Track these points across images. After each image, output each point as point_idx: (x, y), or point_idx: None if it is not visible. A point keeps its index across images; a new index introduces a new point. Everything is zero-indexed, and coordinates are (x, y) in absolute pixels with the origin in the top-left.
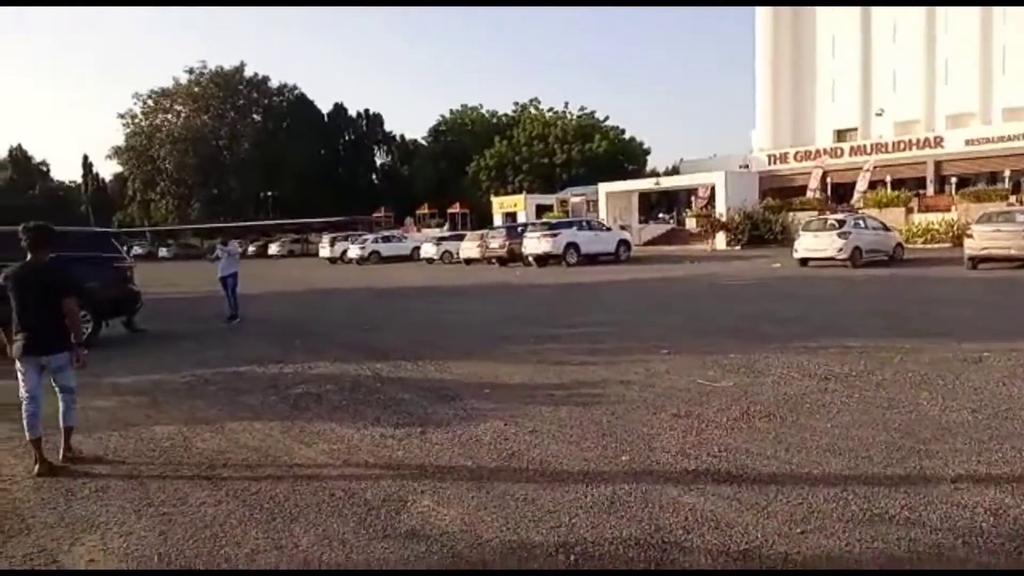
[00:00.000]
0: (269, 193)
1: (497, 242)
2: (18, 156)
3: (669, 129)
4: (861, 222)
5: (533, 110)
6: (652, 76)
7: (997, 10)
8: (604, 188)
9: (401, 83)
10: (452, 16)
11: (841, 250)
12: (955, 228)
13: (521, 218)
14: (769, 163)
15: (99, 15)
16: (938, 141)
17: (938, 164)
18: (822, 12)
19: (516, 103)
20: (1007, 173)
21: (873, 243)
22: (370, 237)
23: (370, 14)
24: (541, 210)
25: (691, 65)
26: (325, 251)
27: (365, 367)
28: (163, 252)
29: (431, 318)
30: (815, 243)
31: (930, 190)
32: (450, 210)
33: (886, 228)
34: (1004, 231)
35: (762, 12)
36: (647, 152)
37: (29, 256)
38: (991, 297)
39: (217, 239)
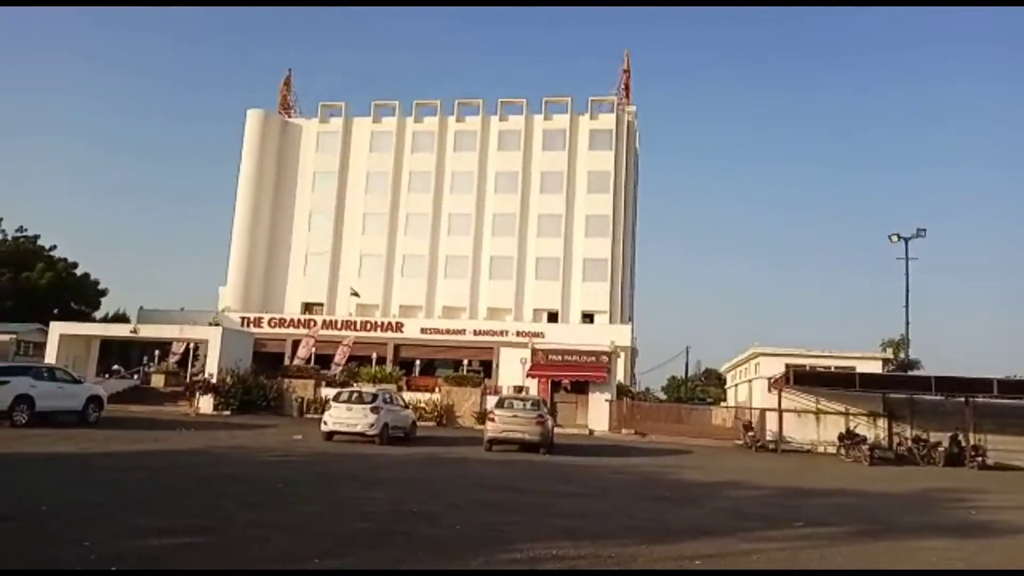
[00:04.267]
0: None
1: None
2: None
3: (121, 270)
4: (388, 397)
5: None
6: (110, 207)
7: (444, 223)
8: (59, 328)
9: None
10: None
11: (372, 425)
12: (440, 407)
13: None
14: (242, 324)
15: None
16: (399, 326)
17: (397, 347)
18: (304, 185)
19: None
20: (466, 362)
21: (396, 419)
22: None
23: None
24: None
25: (163, 207)
26: None
27: None
28: None
29: None
30: (347, 416)
31: (388, 368)
32: None
33: (405, 405)
34: (521, 417)
35: (246, 172)
36: (103, 293)
37: None
38: (570, 487)
39: None
